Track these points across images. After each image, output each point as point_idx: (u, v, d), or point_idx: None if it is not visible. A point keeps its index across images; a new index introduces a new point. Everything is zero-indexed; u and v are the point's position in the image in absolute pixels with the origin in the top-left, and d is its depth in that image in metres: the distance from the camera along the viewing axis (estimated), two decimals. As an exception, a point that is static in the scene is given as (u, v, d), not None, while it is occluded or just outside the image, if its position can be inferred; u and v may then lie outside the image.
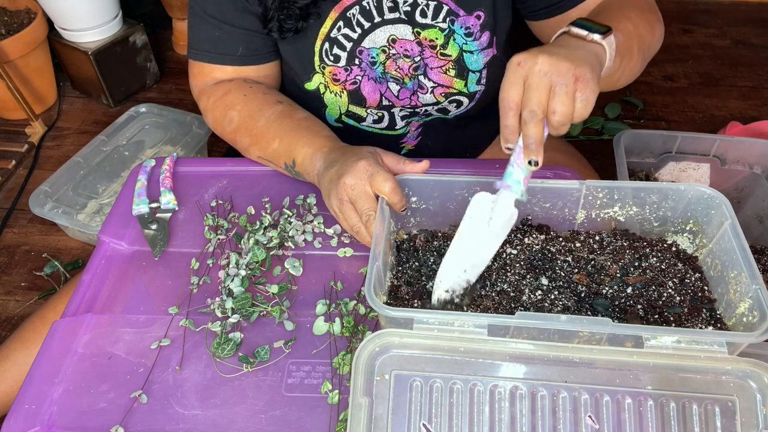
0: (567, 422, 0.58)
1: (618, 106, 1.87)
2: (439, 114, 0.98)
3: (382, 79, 0.92)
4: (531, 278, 0.73)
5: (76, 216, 1.43)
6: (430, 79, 0.92)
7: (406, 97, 0.94)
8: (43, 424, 0.66)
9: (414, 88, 0.93)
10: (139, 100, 1.98)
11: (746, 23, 2.26)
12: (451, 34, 0.89)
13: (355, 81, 0.92)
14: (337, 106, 0.95)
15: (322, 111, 0.97)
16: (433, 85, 0.92)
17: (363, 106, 0.94)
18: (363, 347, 0.60)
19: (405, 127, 1.00)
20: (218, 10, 0.88)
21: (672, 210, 0.77)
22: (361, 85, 0.92)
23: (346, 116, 0.96)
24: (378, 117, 0.96)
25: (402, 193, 0.73)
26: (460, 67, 0.91)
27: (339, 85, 0.92)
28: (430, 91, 0.93)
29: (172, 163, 0.96)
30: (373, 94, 0.93)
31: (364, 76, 0.91)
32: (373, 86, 0.92)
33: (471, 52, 0.91)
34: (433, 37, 0.89)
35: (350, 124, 0.98)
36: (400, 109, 0.96)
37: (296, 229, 0.85)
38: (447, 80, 0.92)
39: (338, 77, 0.91)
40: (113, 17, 1.85)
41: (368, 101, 0.94)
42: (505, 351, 0.60)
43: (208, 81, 0.95)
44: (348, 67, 0.91)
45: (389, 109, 0.95)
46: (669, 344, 0.59)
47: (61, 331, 0.74)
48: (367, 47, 0.89)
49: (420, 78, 0.92)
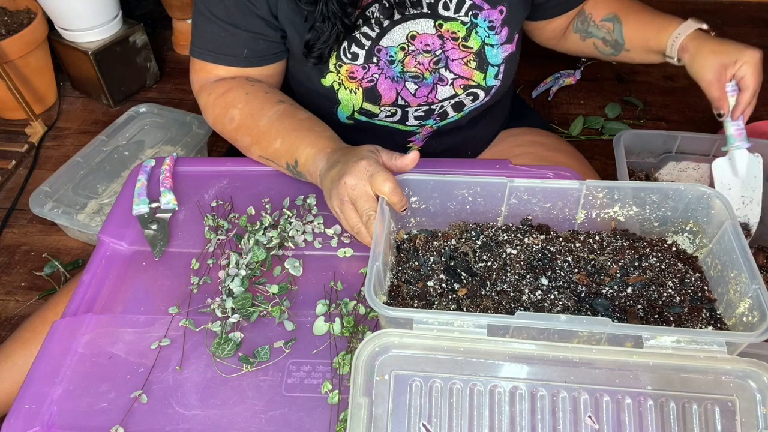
0: (567, 422, 0.58)
1: (618, 106, 1.87)
2: (454, 112, 0.98)
3: (399, 78, 0.92)
4: (531, 278, 0.73)
5: (76, 216, 1.43)
6: (451, 71, 0.92)
7: (423, 95, 0.94)
8: (43, 424, 0.66)
9: (434, 82, 0.93)
10: (139, 100, 1.98)
11: (746, 23, 2.26)
12: (474, 27, 0.90)
13: (372, 79, 0.92)
14: (350, 103, 0.95)
15: (335, 108, 0.97)
16: (454, 77, 0.93)
17: (377, 104, 0.94)
18: (363, 347, 0.60)
19: (417, 127, 1.00)
20: (224, 12, 0.88)
21: (672, 210, 0.77)
22: (377, 83, 0.92)
23: (358, 113, 0.96)
24: (391, 113, 0.96)
25: (402, 193, 0.73)
26: (481, 60, 0.92)
27: (355, 82, 0.92)
28: (449, 83, 0.93)
29: (172, 163, 0.96)
30: (388, 92, 0.93)
31: (382, 74, 0.91)
32: (389, 84, 0.92)
33: (492, 46, 0.92)
34: (456, 29, 0.89)
35: (362, 120, 0.98)
36: (416, 108, 0.96)
37: (296, 230, 0.85)
38: (467, 72, 0.93)
39: (355, 75, 0.91)
40: (113, 17, 1.85)
41: (383, 99, 0.94)
42: (505, 351, 0.60)
43: (210, 78, 0.95)
44: (366, 65, 0.91)
45: (403, 108, 0.96)
46: (669, 344, 0.59)
47: (61, 331, 0.74)
48: (385, 46, 0.89)
49: (441, 71, 0.92)
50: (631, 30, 1.00)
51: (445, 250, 0.77)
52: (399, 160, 0.77)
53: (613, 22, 1.01)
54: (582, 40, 1.07)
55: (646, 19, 0.99)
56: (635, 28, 1.00)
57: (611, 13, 1.02)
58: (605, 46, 1.04)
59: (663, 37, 0.96)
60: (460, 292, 0.72)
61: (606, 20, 1.02)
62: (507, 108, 1.17)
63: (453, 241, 0.78)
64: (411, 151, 1.05)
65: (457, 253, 0.77)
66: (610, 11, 1.02)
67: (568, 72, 1.97)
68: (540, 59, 1.18)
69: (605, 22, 1.02)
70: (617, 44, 1.02)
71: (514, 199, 0.78)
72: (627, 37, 1.01)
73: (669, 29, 0.95)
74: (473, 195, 0.78)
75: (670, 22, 0.96)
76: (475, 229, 0.79)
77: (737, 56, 0.88)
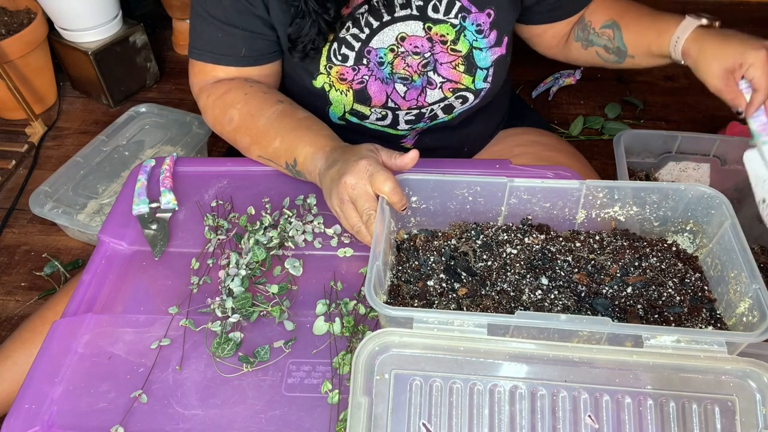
0: (566, 422, 0.58)
1: (618, 106, 1.87)
2: (444, 114, 0.98)
3: (389, 80, 0.92)
4: (531, 278, 0.73)
5: (76, 216, 1.43)
6: (440, 74, 0.92)
7: (413, 97, 0.94)
8: (43, 424, 0.66)
9: (423, 85, 0.93)
10: (139, 100, 1.98)
11: (746, 23, 2.25)
12: (462, 30, 0.90)
13: (362, 80, 0.92)
14: (341, 104, 0.95)
15: (326, 108, 0.97)
16: (442, 80, 0.93)
17: (368, 105, 0.94)
18: (363, 346, 0.60)
19: (407, 131, 1.00)
20: (221, 13, 0.88)
21: (672, 210, 0.77)
22: (367, 85, 0.92)
23: (350, 114, 0.97)
24: (381, 115, 0.97)
25: (402, 192, 0.73)
26: (469, 64, 0.92)
27: (345, 84, 0.92)
28: (438, 87, 0.93)
29: (172, 163, 0.96)
30: (379, 95, 0.93)
31: (372, 75, 0.92)
32: (379, 86, 0.93)
33: (480, 49, 0.92)
34: (445, 32, 0.89)
35: (353, 122, 0.99)
36: (406, 112, 0.96)
37: (296, 229, 0.85)
38: (456, 75, 0.93)
39: (345, 77, 0.92)
40: (113, 17, 1.85)
41: (373, 101, 0.94)
42: (505, 350, 0.60)
43: (209, 79, 0.95)
44: (356, 67, 0.91)
45: (394, 111, 0.96)
46: (669, 344, 0.59)
47: (61, 331, 0.74)
48: (375, 47, 0.90)
49: (429, 74, 0.92)
50: (631, 36, 0.95)
51: (445, 250, 0.77)
52: (399, 159, 0.77)
53: (612, 29, 0.97)
54: (584, 48, 1.02)
55: (646, 23, 0.94)
56: (635, 33, 0.95)
57: (610, 19, 0.97)
58: (608, 54, 1.00)
59: (664, 41, 0.90)
60: (460, 291, 0.72)
61: (605, 27, 0.98)
62: (504, 107, 1.17)
63: (453, 240, 0.78)
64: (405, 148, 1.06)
65: (457, 252, 0.77)
66: (609, 17, 0.98)
67: (568, 72, 1.97)
68: (540, 59, 1.17)
69: (605, 29, 0.98)
70: (620, 51, 0.98)
71: (514, 199, 0.78)
72: (629, 44, 0.96)
73: (669, 31, 0.90)
74: (473, 195, 0.78)
75: (669, 22, 0.90)
76: (475, 228, 0.79)
77: (741, 59, 0.81)
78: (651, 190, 0.76)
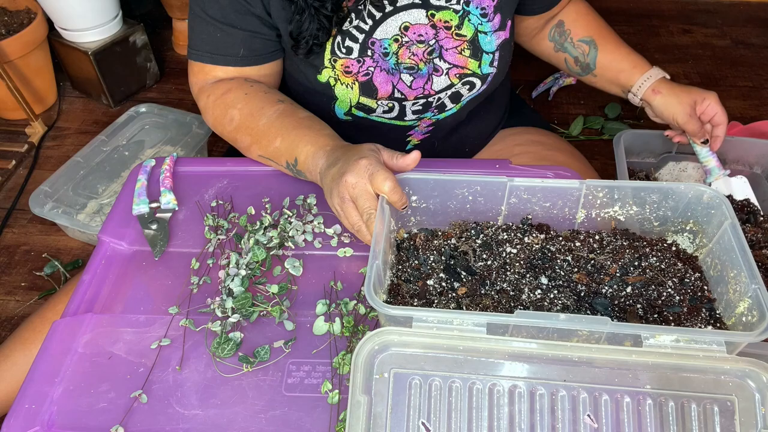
0: (566, 421, 0.58)
1: (618, 106, 1.87)
2: (452, 104, 0.98)
3: (395, 70, 0.92)
4: (531, 277, 0.73)
5: (76, 216, 1.43)
6: (446, 60, 0.93)
7: (419, 86, 0.94)
8: (43, 424, 0.66)
9: (429, 72, 0.93)
10: (139, 100, 1.98)
11: (746, 23, 2.26)
12: (466, 14, 0.90)
13: (367, 72, 0.92)
14: (347, 98, 0.95)
15: (332, 104, 0.97)
16: (449, 66, 0.93)
17: (374, 98, 0.94)
18: (362, 345, 0.60)
19: (415, 120, 1.00)
20: (220, 13, 0.88)
21: (672, 210, 0.77)
22: (373, 76, 0.92)
23: (356, 108, 0.96)
24: (388, 107, 0.96)
25: (402, 191, 0.73)
26: (475, 48, 0.92)
27: (351, 77, 0.92)
28: (444, 73, 0.93)
29: (172, 163, 0.96)
30: (385, 85, 0.93)
31: (377, 67, 0.92)
32: (385, 77, 0.92)
33: (485, 33, 0.92)
34: (448, 18, 0.90)
35: (359, 117, 0.99)
36: (413, 102, 0.96)
37: (296, 229, 0.85)
38: (462, 60, 0.93)
39: (350, 69, 0.91)
40: (113, 17, 1.86)
41: (380, 92, 0.94)
42: (504, 350, 0.60)
43: (209, 79, 0.95)
44: (360, 59, 0.91)
45: (401, 102, 0.96)
46: (668, 343, 0.59)
47: (61, 331, 0.74)
48: (379, 38, 0.90)
49: (435, 61, 0.92)
50: (605, 59, 1.06)
51: (445, 249, 0.77)
52: (400, 160, 0.77)
53: (590, 46, 1.07)
54: (555, 50, 1.11)
55: (622, 54, 1.06)
56: (610, 59, 1.06)
57: (589, 37, 1.07)
58: (575, 65, 1.10)
59: (634, 76, 1.04)
60: (459, 290, 0.72)
61: (583, 42, 1.07)
62: (504, 105, 1.17)
63: (453, 240, 0.78)
64: (411, 146, 1.06)
65: (457, 252, 0.77)
66: (588, 34, 1.07)
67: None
68: (540, 59, 1.18)
69: (582, 43, 1.07)
70: (587, 67, 1.08)
71: (514, 199, 0.78)
72: (599, 65, 1.07)
73: (642, 69, 1.04)
74: (473, 194, 0.78)
75: (643, 62, 1.05)
76: (475, 228, 0.79)
77: (704, 95, 1.01)
78: (651, 190, 0.76)
